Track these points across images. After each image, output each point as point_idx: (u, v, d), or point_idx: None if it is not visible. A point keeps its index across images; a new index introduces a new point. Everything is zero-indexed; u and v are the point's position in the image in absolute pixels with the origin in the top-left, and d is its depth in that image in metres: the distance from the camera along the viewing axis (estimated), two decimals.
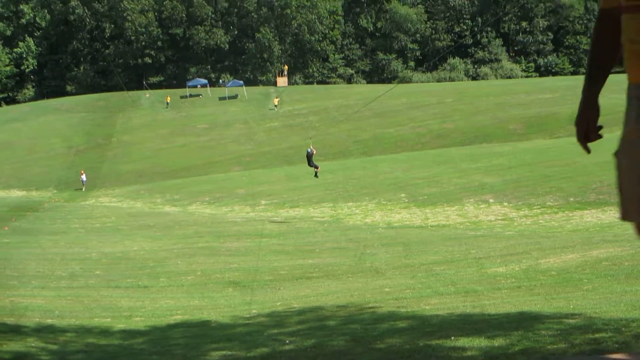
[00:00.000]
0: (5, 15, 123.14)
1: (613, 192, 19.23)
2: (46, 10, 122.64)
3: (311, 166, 52.71)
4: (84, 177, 52.77)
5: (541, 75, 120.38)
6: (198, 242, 18.78)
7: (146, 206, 35.80)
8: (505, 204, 23.54)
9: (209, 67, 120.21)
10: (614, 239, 14.04)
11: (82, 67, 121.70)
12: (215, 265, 14.29)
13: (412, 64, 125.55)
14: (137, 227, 24.95)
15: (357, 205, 26.78)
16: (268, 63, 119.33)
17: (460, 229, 20.21)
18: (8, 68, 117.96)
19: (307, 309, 8.51)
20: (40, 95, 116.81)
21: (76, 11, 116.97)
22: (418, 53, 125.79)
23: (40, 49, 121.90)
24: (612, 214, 19.83)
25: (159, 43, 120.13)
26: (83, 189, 51.52)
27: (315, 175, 48.43)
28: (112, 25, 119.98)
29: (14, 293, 11.44)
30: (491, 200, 24.19)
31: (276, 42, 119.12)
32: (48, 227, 25.77)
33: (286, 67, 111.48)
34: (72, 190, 52.34)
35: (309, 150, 52.77)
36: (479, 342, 5.20)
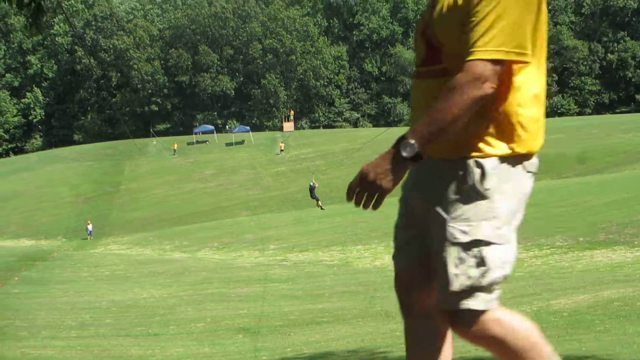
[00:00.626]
0: (13, 66, 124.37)
1: (622, 231, 19.23)
2: (53, 61, 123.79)
3: (313, 198, 53.32)
4: (90, 226, 52.74)
5: (547, 116, 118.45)
6: (207, 288, 18.74)
7: (155, 253, 35.80)
8: None
9: (216, 113, 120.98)
10: (625, 279, 13.96)
11: (89, 116, 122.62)
12: (225, 311, 14.25)
13: None
14: (147, 274, 24.94)
15: (367, 248, 26.73)
16: (274, 108, 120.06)
17: None
18: (16, 118, 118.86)
19: (317, 355, 8.47)
20: (48, 144, 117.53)
21: (83, 61, 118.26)
22: None
23: (47, 98, 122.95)
24: (622, 254, 19.74)
25: (165, 91, 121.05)
26: (89, 239, 51.43)
27: (321, 208, 48.93)
28: (119, 74, 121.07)
29: (25, 344, 11.42)
30: None
31: (282, 88, 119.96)
32: (58, 276, 25.78)
33: (292, 112, 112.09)
34: (81, 238, 52.42)
35: (312, 183, 53.66)
36: None
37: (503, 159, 2.75)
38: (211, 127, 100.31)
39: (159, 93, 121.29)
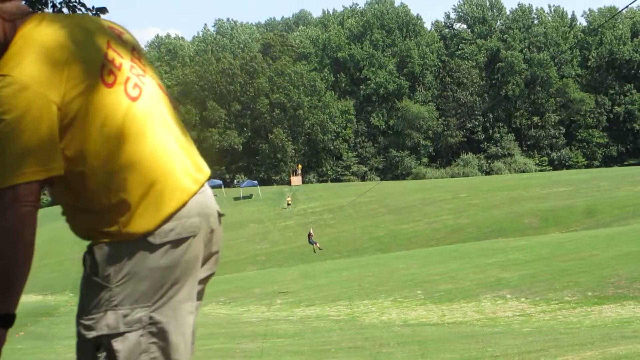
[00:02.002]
0: None
1: (632, 286, 19.10)
2: None
3: (311, 244, 55.55)
4: None
5: (555, 168, 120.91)
6: (213, 344, 18.58)
7: None
8: (523, 299, 23.31)
9: (224, 168, 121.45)
10: (632, 334, 13.83)
11: None
12: None
13: (425, 160, 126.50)
14: None
15: (373, 302, 26.57)
16: (282, 162, 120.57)
17: (477, 325, 19.97)
18: None
19: None
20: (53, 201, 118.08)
21: None
22: (431, 149, 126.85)
23: None
24: (631, 309, 19.58)
25: None
26: None
27: (319, 249, 54.76)
28: None
29: None
30: (508, 296, 23.98)
31: (289, 142, 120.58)
32: (63, 332, 25.63)
33: (300, 166, 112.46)
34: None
35: (310, 232, 55.09)
36: None
37: (116, 243, 2.52)
38: (219, 182, 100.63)
39: None
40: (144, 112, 2.60)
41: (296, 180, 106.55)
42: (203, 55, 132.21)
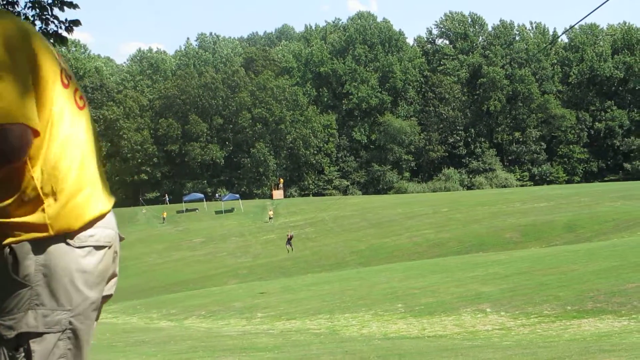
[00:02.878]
0: None
1: (610, 300, 19.16)
2: None
3: (288, 244, 60.06)
4: None
5: (536, 184, 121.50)
6: (192, 358, 18.49)
7: (142, 321, 35.43)
8: (502, 313, 23.35)
9: (205, 181, 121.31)
10: (611, 348, 13.88)
11: None
12: None
13: (407, 174, 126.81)
14: (132, 343, 24.63)
15: (354, 316, 26.53)
16: (264, 177, 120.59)
17: (457, 339, 19.98)
18: None
19: None
20: None
21: None
22: (413, 164, 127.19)
23: None
24: (609, 323, 19.65)
25: (155, 160, 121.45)
26: None
27: (291, 249, 59.96)
28: (109, 144, 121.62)
29: None
30: (488, 310, 24.02)
31: (271, 156, 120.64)
32: None
33: (282, 180, 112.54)
34: None
35: (289, 234, 60.94)
36: None
37: (38, 240, 2.52)
38: (201, 195, 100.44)
39: (149, 162, 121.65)
40: (86, 122, 2.74)
41: (278, 194, 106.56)
42: (185, 69, 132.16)
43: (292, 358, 17.86)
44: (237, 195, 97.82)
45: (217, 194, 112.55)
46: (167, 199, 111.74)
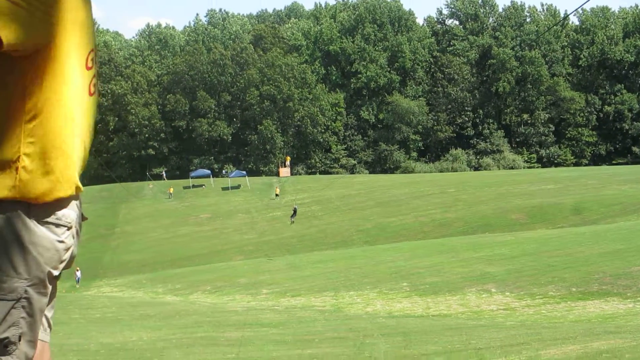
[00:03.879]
0: None
1: (616, 282, 19.16)
2: None
3: (293, 216, 62.71)
4: (79, 273, 51.54)
5: (543, 166, 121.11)
6: (197, 332, 18.59)
7: (148, 296, 35.62)
8: (508, 293, 23.38)
9: (212, 158, 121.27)
10: (615, 330, 13.90)
11: None
12: (213, 355, 14.12)
13: (414, 154, 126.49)
14: (138, 317, 24.76)
15: (359, 294, 26.60)
16: (271, 154, 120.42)
17: (461, 318, 20.03)
18: None
19: None
20: None
21: None
22: (420, 144, 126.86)
23: None
24: (614, 305, 19.68)
25: (162, 135, 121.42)
26: (77, 286, 50.07)
27: (292, 222, 63.02)
28: (116, 119, 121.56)
29: None
30: (493, 290, 24.04)
31: (278, 134, 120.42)
32: None
33: (288, 158, 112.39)
34: (73, 280, 52.07)
35: (295, 206, 64.11)
36: None
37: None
38: (208, 172, 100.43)
39: (156, 137, 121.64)
40: (91, 108, 2.61)
41: (285, 171, 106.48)
42: (194, 45, 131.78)
43: (296, 334, 17.93)
44: (244, 172, 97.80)
45: (224, 171, 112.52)
46: (165, 174, 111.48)
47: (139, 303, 30.97)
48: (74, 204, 2.64)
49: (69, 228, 2.59)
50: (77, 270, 51.93)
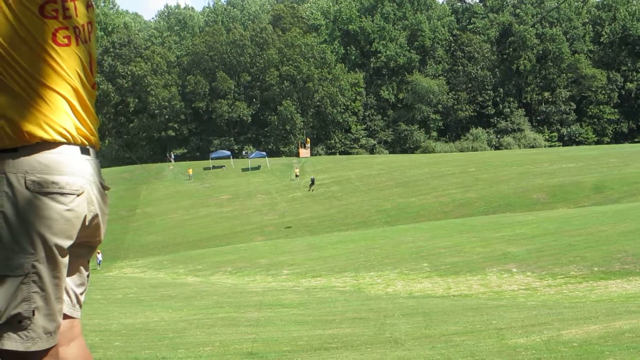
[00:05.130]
0: None
1: (638, 262, 19.02)
2: None
3: (311, 186, 66.72)
4: (100, 256, 51.52)
5: (564, 144, 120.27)
6: (218, 313, 18.66)
7: (169, 276, 35.79)
8: (529, 273, 23.29)
9: (232, 139, 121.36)
10: (638, 309, 13.81)
11: (107, 141, 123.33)
12: (234, 335, 14.16)
13: (434, 134, 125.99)
14: (159, 297, 24.89)
15: (379, 274, 26.59)
16: (290, 135, 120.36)
17: (482, 298, 19.97)
18: None
19: None
20: None
21: (101, 87, 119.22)
22: (440, 123, 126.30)
23: None
24: (637, 284, 19.56)
25: (182, 116, 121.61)
26: (98, 267, 50.04)
27: (312, 190, 67.04)
28: (136, 100, 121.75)
29: None
30: (514, 270, 23.96)
31: (298, 114, 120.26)
32: None
33: (308, 140, 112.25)
34: (94, 261, 52.39)
35: (313, 177, 68.56)
36: None
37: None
38: (228, 153, 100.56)
39: (176, 119, 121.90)
40: (67, 58, 2.61)
41: (304, 152, 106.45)
42: (213, 25, 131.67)
43: (317, 315, 17.97)
44: (264, 153, 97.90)
45: (244, 152, 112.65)
46: (172, 157, 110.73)
47: (160, 284, 31.14)
48: (78, 169, 2.60)
49: (79, 194, 2.57)
50: (98, 253, 52.04)
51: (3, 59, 2.50)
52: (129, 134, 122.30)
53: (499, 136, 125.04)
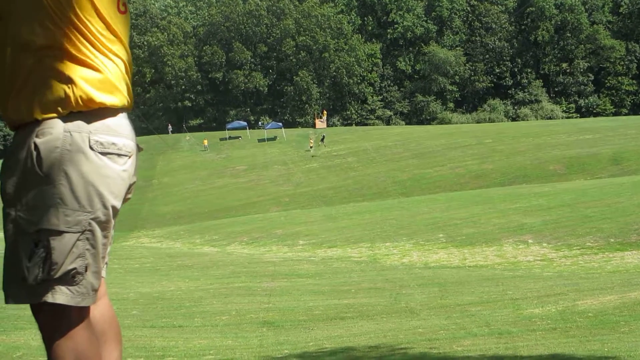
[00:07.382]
0: None
1: None
2: None
3: (322, 141, 70.85)
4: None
5: (582, 116, 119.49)
6: (234, 282, 18.77)
7: (185, 246, 35.96)
8: (545, 244, 23.26)
9: (248, 109, 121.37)
10: None
11: None
12: (250, 305, 14.27)
13: (451, 105, 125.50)
14: (175, 267, 25.05)
15: (395, 245, 26.64)
16: (307, 105, 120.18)
17: (498, 269, 19.99)
18: None
19: (338, 350, 8.45)
20: None
21: None
22: (457, 95, 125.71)
23: None
24: None
25: (199, 87, 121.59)
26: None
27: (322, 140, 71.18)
28: (153, 70, 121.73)
29: None
30: (530, 241, 23.93)
31: (314, 85, 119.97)
32: None
33: (325, 112, 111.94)
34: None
35: (323, 134, 72.64)
36: None
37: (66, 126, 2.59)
38: (244, 123, 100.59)
39: (193, 89, 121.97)
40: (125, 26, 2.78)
41: (321, 123, 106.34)
42: None
43: (333, 285, 18.05)
44: (280, 124, 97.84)
45: (260, 122, 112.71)
46: (170, 129, 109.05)
47: (177, 254, 31.30)
48: (130, 131, 2.77)
49: (130, 157, 2.74)
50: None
51: (75, 27, 2.58)
52: (145, 104, 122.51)
53: (516, 107, 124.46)
